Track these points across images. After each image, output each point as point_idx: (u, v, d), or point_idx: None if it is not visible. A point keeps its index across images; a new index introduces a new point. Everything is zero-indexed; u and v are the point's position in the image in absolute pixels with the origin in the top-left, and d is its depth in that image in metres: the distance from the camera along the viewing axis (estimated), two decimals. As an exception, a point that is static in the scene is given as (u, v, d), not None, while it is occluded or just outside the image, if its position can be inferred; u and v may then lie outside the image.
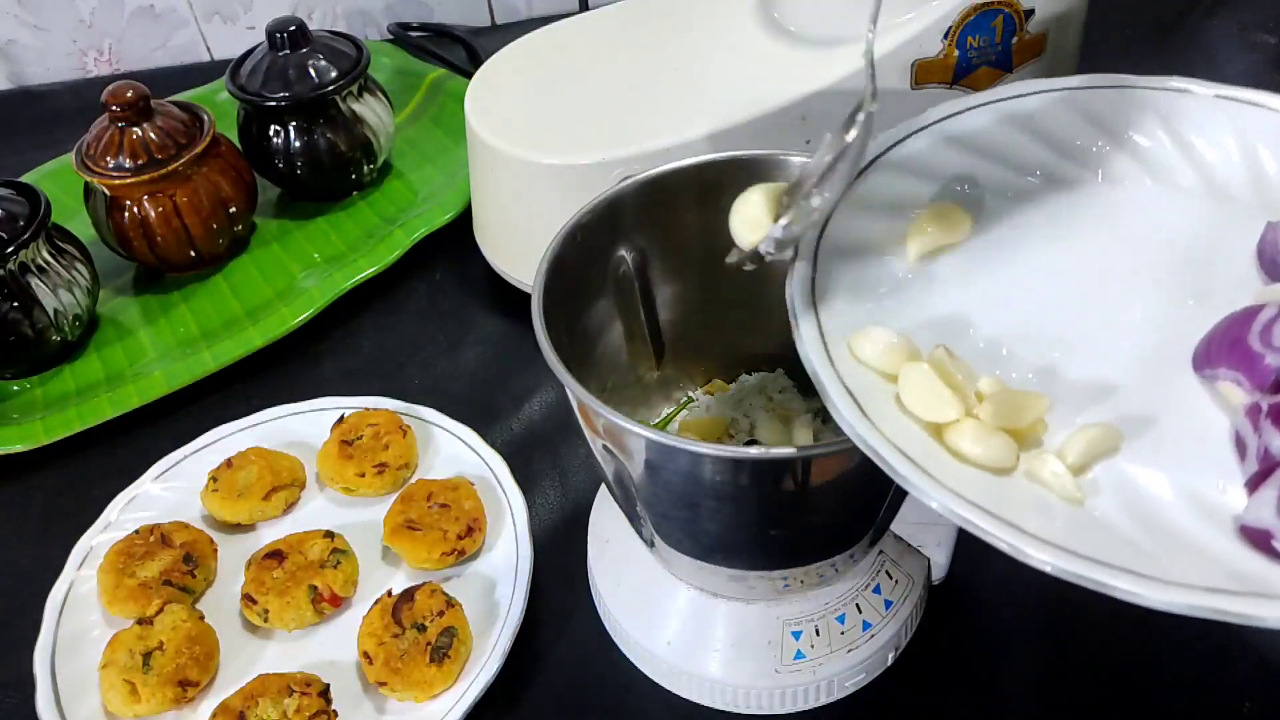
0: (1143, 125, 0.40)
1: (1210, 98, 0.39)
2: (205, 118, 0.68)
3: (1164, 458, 0.30)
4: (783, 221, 0.33)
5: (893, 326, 0.34)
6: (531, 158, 0.58)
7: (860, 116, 0.33)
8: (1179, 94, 0.40)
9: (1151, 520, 0.29)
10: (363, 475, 0.54)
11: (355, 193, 0.77)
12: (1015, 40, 0.61)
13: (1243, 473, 0.29)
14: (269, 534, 0.54)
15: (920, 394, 0.31)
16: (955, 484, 0.28)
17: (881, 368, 0.33)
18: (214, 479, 0.55)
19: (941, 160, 0.39)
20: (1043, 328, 0.34)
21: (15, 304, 0.61)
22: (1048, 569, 0.26)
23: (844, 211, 0.37)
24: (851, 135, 0.33)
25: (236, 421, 0.59)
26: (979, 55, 0.60)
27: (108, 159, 0.65)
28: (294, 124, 0.71)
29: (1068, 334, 0.34)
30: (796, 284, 0.35)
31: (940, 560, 0.48)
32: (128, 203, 0.66)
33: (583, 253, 0.43)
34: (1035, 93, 0.41)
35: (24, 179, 0.70)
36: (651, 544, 0.43)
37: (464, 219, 0.70)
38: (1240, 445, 0.30)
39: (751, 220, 0.35)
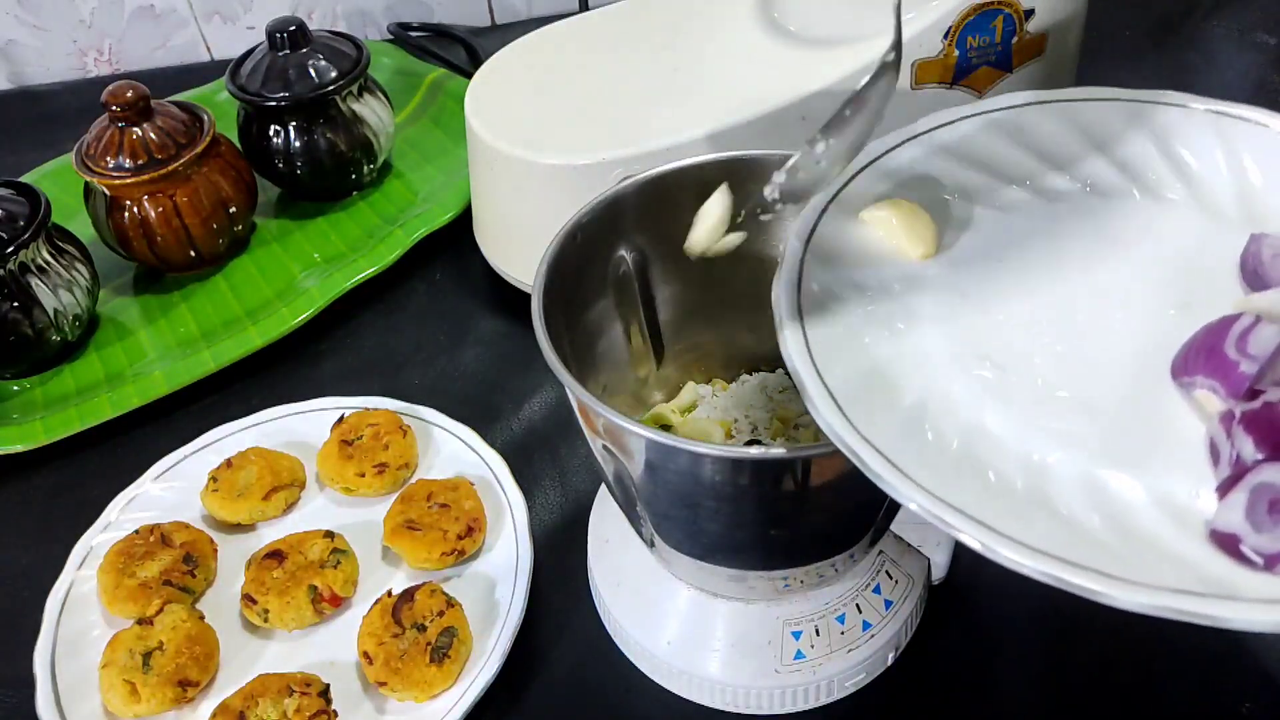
0: (1132, 138, 0.40)
1: (1200, 112, 0.40)
2: (205, 118, 0.68)
3: (1139, 464, 0.31)
4: (789, 164, 0.33)
5: (879, 332, 0.34)
6: (531, 158, 0.58)
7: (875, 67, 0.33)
8: (1169, 108, 0.40)
9: (1125, 524, 0.29)
10: (363, 475, 0.54)
11: (355, 193, 0.77)
12: (1015, 40, 0.61)
13: (1215, 479, 0.30)
14: (269, 534, 0.54)
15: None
16: (932, 485, 0.29)
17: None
18: (214, 479, 0.55)
19: (932, 169, 0.40)
20: (1025, 333, 0.35)
21: (15, 304, 0.61)
22: (1022, 569, 0.27)
23: (833, 216, 0.38)
24: (863, 81, 0.33)
25: (236, 421, 0.59)
26: (979, 55, 0.60)
27: (108, 159, 0.65)
28: (294, 124, 0.71)
29: (1050, 340, 0.34)
30: (783, 285, 0.35)
31: (940, 560, 0.48)
32: (128, 203, 0.66)
33: (583, 253, 0.43)
34: (1026, 104, 0.41)
35: (24, 179, 0.70)
36: (651, 544, 0.43)
37: (464, 219, 0.70)
38: (1214, 452, 0.30)
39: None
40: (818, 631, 0.45)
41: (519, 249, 0.64)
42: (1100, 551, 0.28)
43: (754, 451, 0.35)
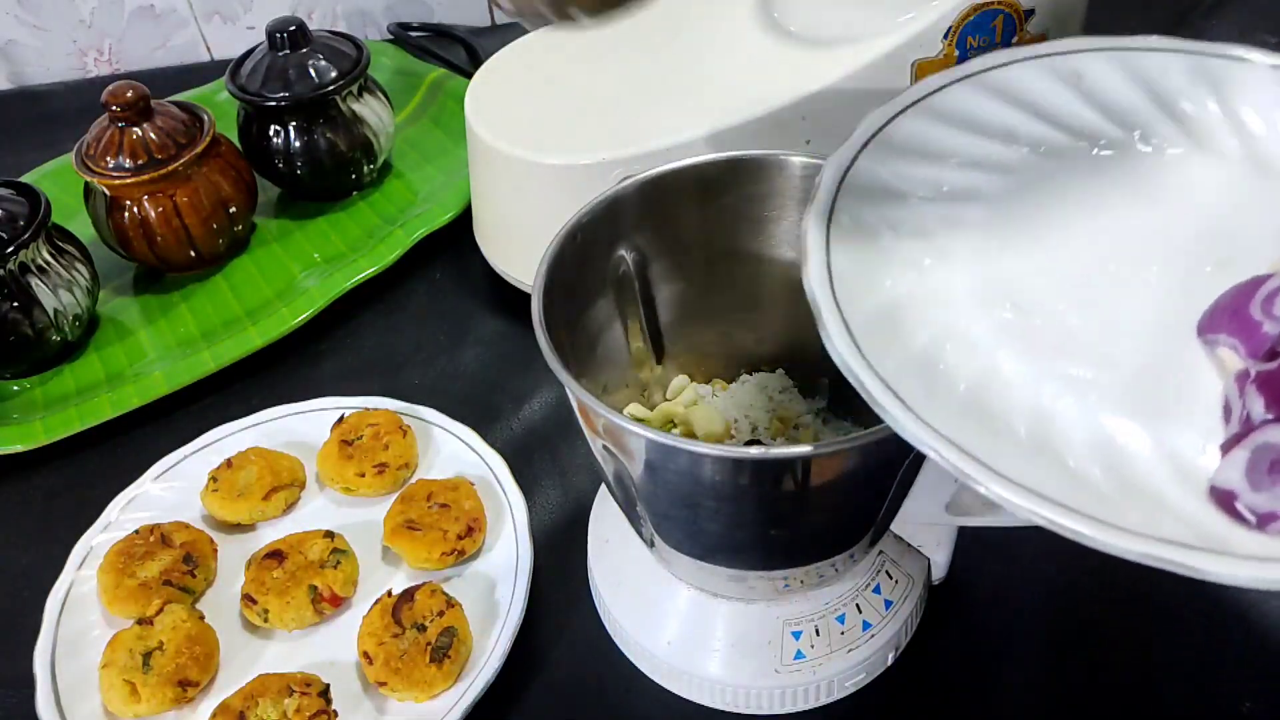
0: (1191, 90, 0.39)
1: (1266, 67, 0.38)
2: (205, 118, 0.68)
3: (1152, 415, 0.30)
4: None
5: (905, 269, 0.33)
6: (531, 158, 0.58)
7: None
8: (1234, 62, 0.39)
9: (1126, 474, 0.29)
10: (363, 475, 0.54)
11: (355, 193, 0.77)
12: (1015, 40, 0.60)
13: (1224, 436, 0.29)
14: (269, 534, 0.54)
15: None
16: (935, 421, 0.28)
17: None
18: (214, 479, 0.55)
19: (982, 111, 0.38)
20: (1054, 281, 0.34)
21: (15, 304, 0.61)
22: (1015, 509, 0.27)
23: (872, 153, 0.37)
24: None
25: (236, 421, 0.59)
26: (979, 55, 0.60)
27: (108, 159, 0.65)
28: (294, 124, 0.71)
29: (1079, 288, 0.34)
30: (813, 215, 0.34)
31: (940, 560, 0.48)
32: (128, 203, 0.66)
33: (583, 253, 0.43)
34: (1084, 50, 0.40)
35: (24, 179, 0.70)
36: (651, 544, 0.43)
37: (464, 219, 0.70)
38: (1227, 410, 0.30)
39: None
40: (818, 631, 0.45)
41: (519, 249, 0.64)
42: (1097, 500, 0.27)
43: (754, 451, 0.35)
